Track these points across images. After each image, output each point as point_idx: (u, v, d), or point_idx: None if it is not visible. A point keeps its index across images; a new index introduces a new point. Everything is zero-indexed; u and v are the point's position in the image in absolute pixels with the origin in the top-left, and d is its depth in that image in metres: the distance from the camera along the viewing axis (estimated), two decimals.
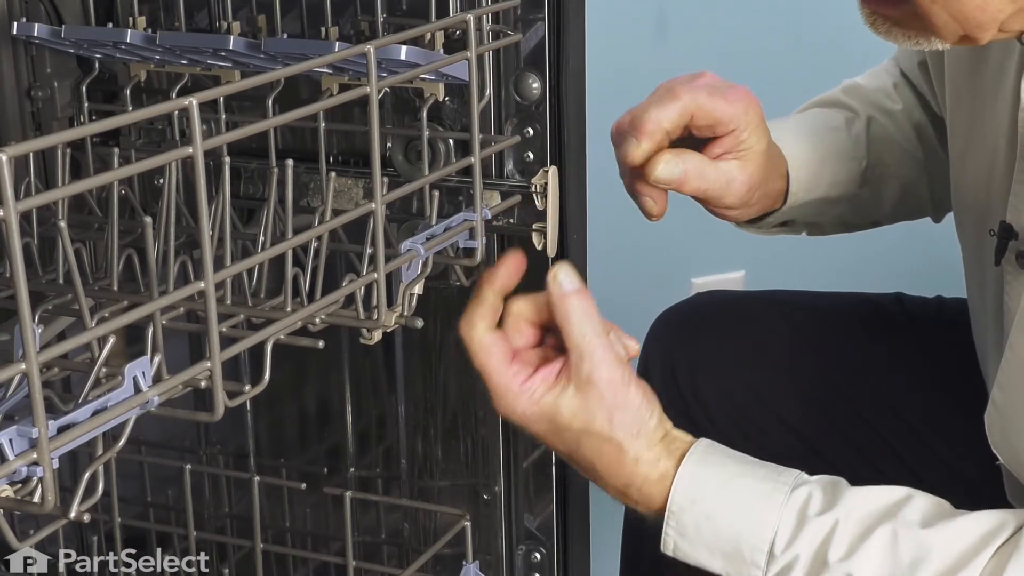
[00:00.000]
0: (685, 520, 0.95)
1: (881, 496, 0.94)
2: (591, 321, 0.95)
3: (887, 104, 1.27)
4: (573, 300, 0.94)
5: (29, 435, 0.62)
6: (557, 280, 0.95)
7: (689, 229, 1.69)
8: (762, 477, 0.96)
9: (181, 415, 0.70)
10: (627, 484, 0.96)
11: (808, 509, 0.93)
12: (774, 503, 0.94)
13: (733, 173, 1.05)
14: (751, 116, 1.04)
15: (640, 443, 0.95)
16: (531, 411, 0.95)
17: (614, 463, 0.96)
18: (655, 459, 0.96)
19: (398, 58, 0.89)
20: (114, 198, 0.89)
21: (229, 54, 0.97)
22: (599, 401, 0.94)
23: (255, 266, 0.91)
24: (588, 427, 0.94)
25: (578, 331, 0.94)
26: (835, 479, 0.96)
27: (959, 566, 0.90)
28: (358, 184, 1.09)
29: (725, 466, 0.97)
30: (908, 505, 0.93)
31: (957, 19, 0.88)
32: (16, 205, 0.57)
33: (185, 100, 0.64)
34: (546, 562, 1.15)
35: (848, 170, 1.21)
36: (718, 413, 1.33)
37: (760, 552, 0.93)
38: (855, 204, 1.24)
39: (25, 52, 1.11)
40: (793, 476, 0.96)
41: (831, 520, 0.92)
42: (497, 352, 0.95)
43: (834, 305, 1.39)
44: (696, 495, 0.95)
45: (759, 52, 2.04)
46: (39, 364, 0.60)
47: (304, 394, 1.31)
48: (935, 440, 1.28)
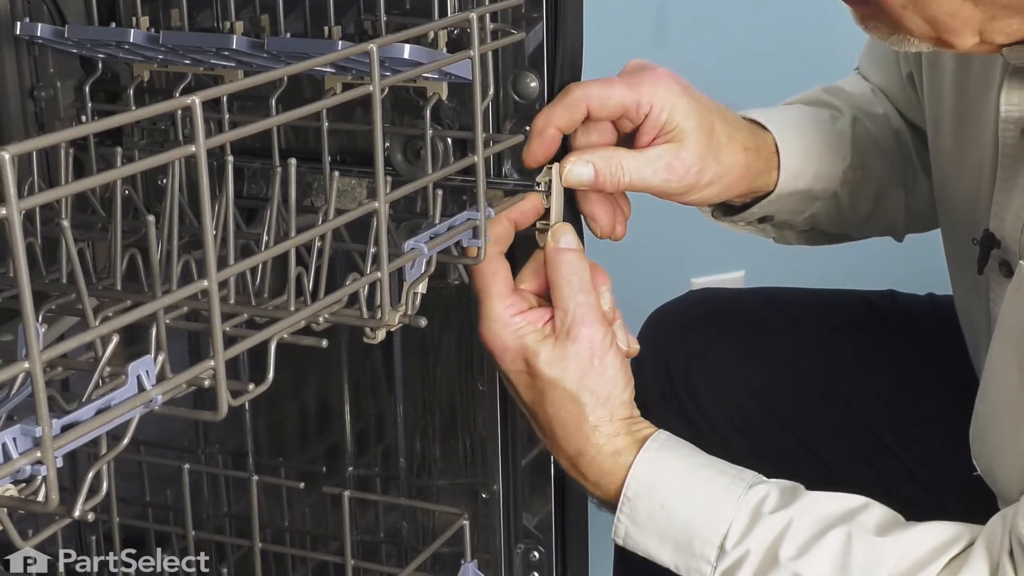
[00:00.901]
0: (639, 507, 0.96)
1: (838, 501, 0.95)
2: (580, 280, 0.96)
3: (870, 107, 1.27)
4: (566, 256, 0.96)
5: (33, 434, 0.62)
6: (556, 235, 0.98)
7: (689, 229, 1.69)
8: (721, 471, 0.97)
9: (184, 414, 0.70)
10: (579, 452, 0.97)
11: (763, 506, 0.94)
12: (731, 496, 0.94)
13: (666, 158, 1.01)
14: (668, 96, 1.00)
15: (603, 412, 0.96)
16: (512, 345, 0.96)
17: (572, 425, 0.96)
18: (613, 433, 0.97)
19: (401, 57, 0.89)
20: (117, 197, 0.89)
21: (232, 54, 0.97)
22: (575, 358, 0.95)
23: (258, 265, 0.91)
24: (557, 380, 0.96)
25: (566, 287, 0.95)
26: (794, 484, 0.96)
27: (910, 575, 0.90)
28: (361, 184, 1.09)
29: (686, 458, 0.98)
30: (864, 512, 0.94)
31: (929, 23, 0.88)
32: (18, 204, 0.57)
33: (188, 99, 0.64)
34: (544, 560, 1.15)
35: (832, 165, 1.19)
36: (713, 410, 1.34)
37: (711, 545, 0.93)
38: (831, 206, 1.22)
39: (28, 52, 1.10)
40: (752, 475, 0.96)
41: (785, 518, 0.93)
42: (499, 279, 0.96)
43: (828, 302, 1.40)
44: (654, 482, 0.96)
45: (759, 52, 2.04)
46: (42, 363, 0.60)
47: (303, 393, 1.31)
48: (929, 436, 1.29)
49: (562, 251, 0.97)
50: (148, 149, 1.13)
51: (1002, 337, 0.96)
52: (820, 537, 0.92)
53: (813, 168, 1.16)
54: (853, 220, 1.26)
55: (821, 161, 1.18)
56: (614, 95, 0.99)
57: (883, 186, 1.25)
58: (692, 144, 1.02)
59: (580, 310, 0.95)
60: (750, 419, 1.33)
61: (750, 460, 1.32)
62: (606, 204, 1.03)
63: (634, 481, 0.96)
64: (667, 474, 0.96)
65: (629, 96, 0.99)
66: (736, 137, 1.06)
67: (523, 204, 0.98)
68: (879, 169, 1.24)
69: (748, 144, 1.09)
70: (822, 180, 1.18)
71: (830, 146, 1.19)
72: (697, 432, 1.34)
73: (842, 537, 0.91)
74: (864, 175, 1.23)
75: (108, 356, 0.69)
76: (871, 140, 1.25)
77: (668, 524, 0.95)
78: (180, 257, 0.88)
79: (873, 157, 1.24)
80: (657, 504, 0.95)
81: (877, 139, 1.25)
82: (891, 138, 1.27)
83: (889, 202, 1.26)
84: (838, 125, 1.22)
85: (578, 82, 1.02)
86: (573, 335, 0.95)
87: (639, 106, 0.99)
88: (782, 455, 1.32)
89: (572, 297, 0.96)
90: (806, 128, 1.18)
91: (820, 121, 1.21)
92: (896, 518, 0.94)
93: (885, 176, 1.25)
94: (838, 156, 1.20)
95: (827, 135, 1.20)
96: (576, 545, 1.15)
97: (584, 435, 0.96)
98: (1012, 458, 0.95)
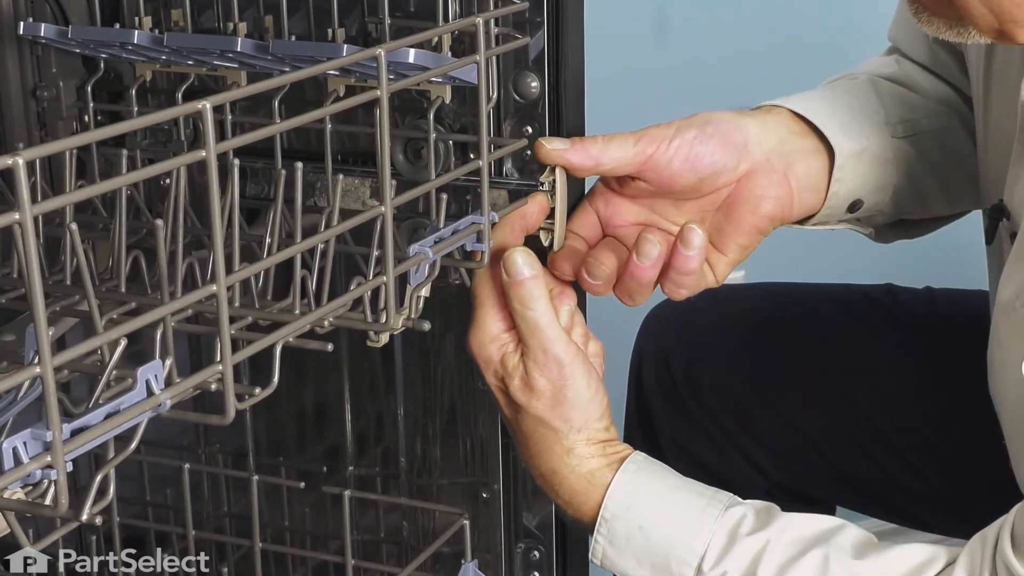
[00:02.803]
0: (616, 528, 0.95)
1: (813, 523, 0.95)
2: (538, 311, 0.94)
3: (889, 68, 1.22)
4: (521, 289, 0.93)
5: (43, 438, 0.62)
6: (506, 266, 0.93)
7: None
8: (698, 492, 0.96)
9: (193, 418, 0.70)
10: (552, 471, 0.97)
11: (740, 528, 0.94)
12: (708, 517, 0.94)
13: (639, 135, 0.99)
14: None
15: (577, 436, 0.96)
16: (495, 358, 0.96)
17: (546, 446, 0.97)
18: (588, 455, 0.96)
19: (407, 61, 0.89)
20: (122, 201, 0.90)
21: (236, 55, 0.97)
22: (541, 392, 0.95)
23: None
24: (528, 407, 0.96)
25: (522, 322, 0.94)
26: (768, 504, 0.96)
27: None
28: (364, 184, 1.09)
29: (663, 479, 0.98)
30: (840, 533, 0.94)
31: (993, 11, 0.87)
32: (32, 209, 0.57)
33: (199, 103, 0.64)
34: (545, 560, 1.16)
35: (870, 119, 1.11)
36: (713, 405, 1.34)
37: (689, 567, 0.93)
38: (903, 168, 1.13)
39: (30, 52, 1.10)
40: (728, 496, 0.96)
41: (763, 540, 0.93)
42: (498, 291, 0.95)
43: (826, 297, 1.40)
44: (631, 503, 0.95)
45: (759, 52, 2.04)
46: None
47: (303, 393, 1.31)
48: (928, 428, 1.30)
49: (516, 284, 0.93)
50: (151, 150, 1.12)
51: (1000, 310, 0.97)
52: (798, 559, 0.91)
53: (854, 126, 1.09)
54: (934, 187, 1.17)
55: (854, 117, 1.10)
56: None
57: (943, 132, 1.17)
58: (668, 126, 1.00)
59: (542, 343, 0.94)
60: (751, 413, 1.34)
61: (752, 454, 1.33)
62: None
63: (611, 502, 0.95)
64: (644, 496, 0.95)
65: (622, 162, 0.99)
66: (736, 115, 1.03)
67: (528, 207, 0.98)
68: (925, 111, 1.17)
69: (751, 113, 1.05)
70: (871, 139, 1.09)
71: (858, 107, 1.11)
72: (698, 427, 1.35)
73: (819, 559, 0.91)
74: (913, 125, 1.15)
75: (116, 360, 0.69)
76: (900, 89, 1.18)
77: (646, 545, 0.95)
78: (183, 259, 0.88)
79: (912, 103, 1.17)
80: (635, 525, 0.95)
81: (907, 86, 1.19)
82: (924, 85, 1.20)
83: (959, 146, 1.18)
84: (856, 83, 1.16)
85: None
86: (538, 367, 0.94)
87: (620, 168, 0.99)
88: (783, 449, 1.33)
89: (532, 334, 0.94)
90: (821, 98, 1.10)
91: (835, 87, 1.15)
92: (871, 539, 0.94)
93: (937, 120, 1.17)
94: (872, 111, 1.12)
95: (848, 95, 1.13)
96: (576, 545, 1.15)
97: (558, 456, 0.96)
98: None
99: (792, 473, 1.34)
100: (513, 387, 0.95)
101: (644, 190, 1.00)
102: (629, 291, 0.99)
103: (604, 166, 0.97)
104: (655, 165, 0.98)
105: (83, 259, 0.72)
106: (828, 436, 1.32)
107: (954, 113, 1.19)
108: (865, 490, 1.34)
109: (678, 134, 0.98)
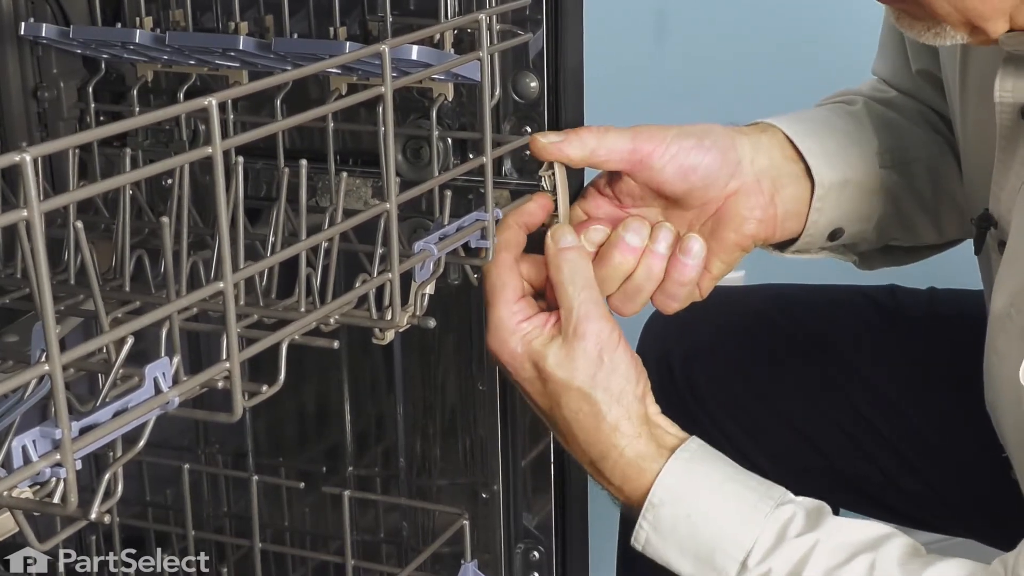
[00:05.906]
0: (663, 515, 0.95)
1: (864, 528, 0.94)
2: (583, 277, 0.95)
3: (882, 93, 1.24)
4: (567, 255, 0.95)
5: (52, 436, 0.62)
6: (555, 236, 0.97)
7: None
8: (751, 487, 0.96)
9: (201, 416, 0.70)
10: (602, 455, 0.96)
11: (789, 528, 0.93)
12: (758, 514, 0.93)
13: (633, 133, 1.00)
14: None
15: (619, 410, 0.95)
16: (520, 351, 0.95)
17: (591, 427, 0.96)
18: (635, 435, 0.96)
19: (410, 58, 0.89)
20: (125, 200, 0.90)
21: (239, 54, 0.97)
22: (583, 356, 0.94)
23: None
24: (569, 381, 0.95)
25: (569, 287, 0.95)
26: (820, 503, 0.96)
27: None
28: (366, 183, 1.09)
29: (718, 469, 0.97)
30: (889, 542, 0.93)
31: (957, 8, 0.88)
32: (39, 206, 0.57)
33: (204, 100, 0.64)
34: (544, 560, 1.16)
35: (861, 147, 1.13)
36: (714, 407, 1.34)
37: (734, 560, 0.93)
38: (889, 197, 1.14)
39: (31, 52, 1.10)
40: (780, 492, 0.96)
41: (811, 541, 0.92)
42: (508, 287, 0.96)
43: (829, 298, 1.40)
44: (682, 492, 0.95)
45: (759, 52, 2.04)
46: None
47: (303, 393, 1.31)
48: (929, 429, 1.29)
49: (563, 250, 0.96)
50: (153, 149, 1.12)
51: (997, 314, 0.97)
52: (844, 564, 0.91)
53: (841, 156, 1.10)
54: (922, 216, 1.18)
55: (841, 145, 1.11)
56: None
57: (933, 160, 1.18)
58: (666, 128, 1.00)
59: (584, 307, 0.95)
60: (752, 415, 1.34)
61: (752, 455, 1.33)
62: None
63: (660, 488, 0.95)
64: (695, 485, 0.95)
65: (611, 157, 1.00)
66: (733, 132, 1.04)
67: (530, 205, 0.98)
68: (915, 140, 1.18)
69: (746, 131, 1.06)
70: (856, 169, 1.11)
71: (850, 133, 1.13)
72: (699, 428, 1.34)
73: (866, 565, 0.91)
74: (903, 154, 1.16)
75: (123, 358, 0.68)
76: (893, 117, 1.19)
77: (691, 535, 0.94)
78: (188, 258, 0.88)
79: (904, 132, 1.18)
80: (682, 514, 0.94)
81: (901, 113, 1.20)
82: (916, 113, 1.22)
83: (948, 173, 1.19)
84: (852, 109, 1.17)
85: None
86: (580, 333, 0.94)
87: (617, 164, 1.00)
88: (784, 450, 1.33)
89: (576, 295, 0.95)
90: (809, 121, 1.12)
91: (831, 111, 1.17)
92: (917, 550, 0.93)
93: (926, 148, 1.18)
94: (864, 139, 1.14)
95: (842, 120, 1.14)
96: (576, 545, 1.15)
97: (605, 436, 0.95)
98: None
99: (792, 474, 1.34)
100: (550, 366, 0.95)
101: (632, 192, 1.01)
102: (671, 293, 1.02)
103: (599, 154, 0.98)
104: (649, 165, 0.98)
105: (88, 256, 0.72)
106: (828, 437, 1.32)
107: (944, 142, 1.20)
108: (865, 491, 1.34)
109: (676, 140, 0.99)
